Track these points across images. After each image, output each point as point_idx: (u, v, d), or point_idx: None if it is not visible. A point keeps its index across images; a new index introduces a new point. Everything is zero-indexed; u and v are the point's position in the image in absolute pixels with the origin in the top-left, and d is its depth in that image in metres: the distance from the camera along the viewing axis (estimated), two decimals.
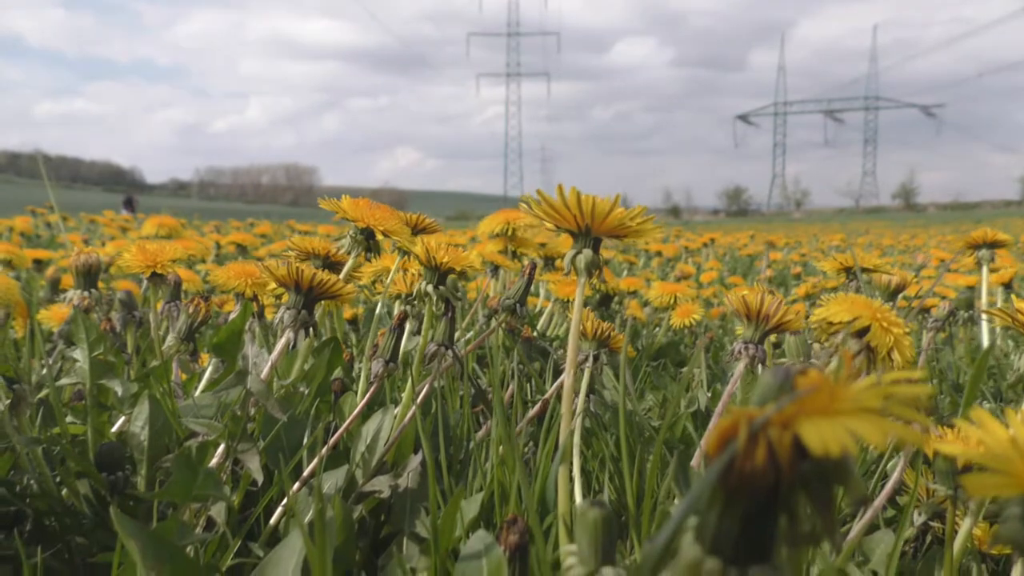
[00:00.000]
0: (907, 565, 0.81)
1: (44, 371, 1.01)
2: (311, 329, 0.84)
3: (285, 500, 0.77)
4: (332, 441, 0.81)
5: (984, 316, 1.59)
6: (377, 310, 1.06)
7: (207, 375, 1.02)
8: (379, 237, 0.98)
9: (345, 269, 0.98)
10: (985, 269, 1.74)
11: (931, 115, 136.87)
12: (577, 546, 0.45)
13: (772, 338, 1.04)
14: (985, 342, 1.62)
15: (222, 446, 0.75)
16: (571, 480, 0.71)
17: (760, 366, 0.85)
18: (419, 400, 0.86)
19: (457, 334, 1.20)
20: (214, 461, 0.75)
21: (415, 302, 0.95)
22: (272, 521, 0.77)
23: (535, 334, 1.65)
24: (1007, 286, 2.00)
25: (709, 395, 1.36)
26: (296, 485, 0.79)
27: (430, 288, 0.90)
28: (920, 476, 0.72)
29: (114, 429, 0.93)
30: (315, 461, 0.77)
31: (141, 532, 0.53)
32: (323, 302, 0.94)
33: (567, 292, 1.82)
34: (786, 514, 0.34)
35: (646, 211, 0.66)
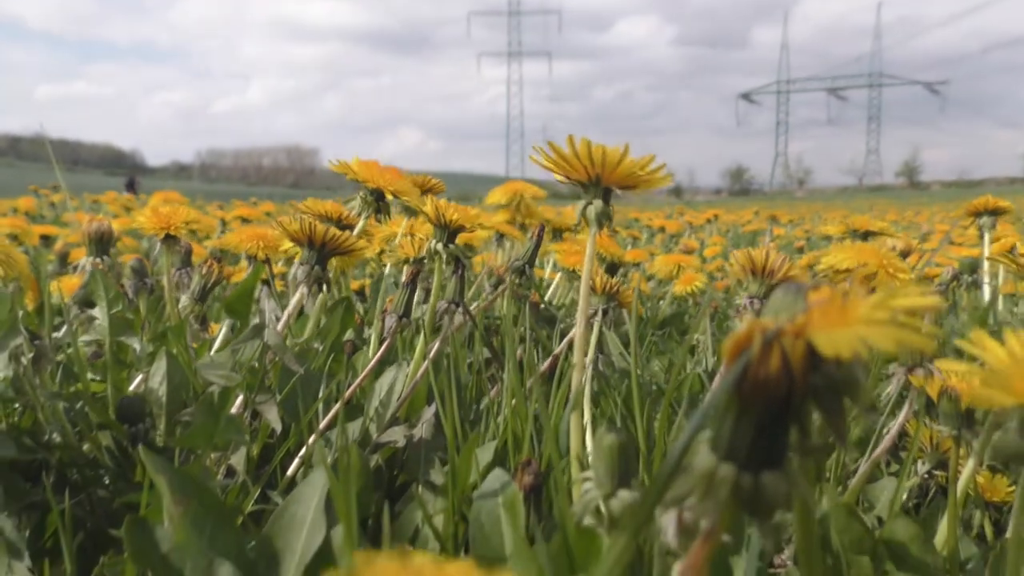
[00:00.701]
0: (912, 515, 0.83)
1: (63, 332, 1.03)
2: (324, 285, 0.86)
3: (303, 451, 0.79)
4: (348, 394, 0.82)
5: (987, 279, 1.60)
6: (385, 271, 1.08)
7: (221, 336, 1.04)
8: (389, 198, 0.99)
9: (356, 230, 0.99)
10: (987, 236, 1.75)
11: (935, 92, 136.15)
12: (593, 472, 0.46)
13: None
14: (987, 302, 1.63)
15: (241, 397, 0.77)
16: (583, 426, 0.73)
17: None
18: (431, 355, 0.87)
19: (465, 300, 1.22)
20: (233, 411, 0.77)
21: (425, 261, 0.96)
22: (289, 472, 0.79)
23: (543, 303, 1.67)
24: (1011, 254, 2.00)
25: (714, 359, 1.37)
26: (312, 437, 0.80)
27: (440, 246, 0.91)
28: (923, 425, 0.74)
29: (132, 388, 0.94)
30: (333, 411, 0.79)
31: (168, 468, 0.55)
32: (334, 264, 0.96)
33: (574, 262, 1.83)
34: (798, 425, 0.35)
35: (655, 159, 0.67)
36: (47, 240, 2.64)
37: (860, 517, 0.54)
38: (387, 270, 1.11)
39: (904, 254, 1.49)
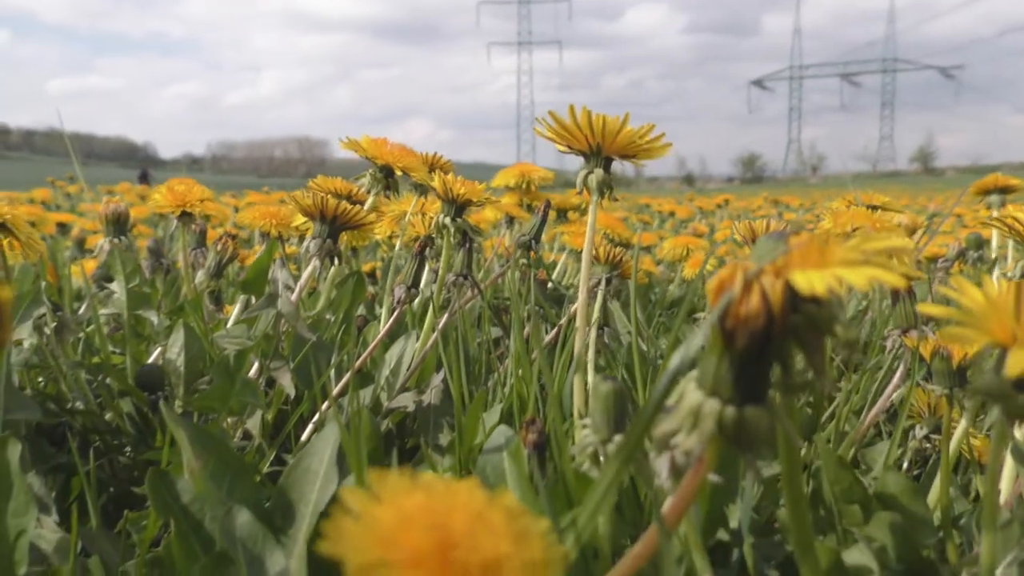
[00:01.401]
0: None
1: (83, 309, 1.06)
2: (335, 259, 0.88)
3: (316, 416, 0.81)
4: (358, 363, 0.85)
5: (994, 255, 1.60)
6: (396, 247, 1.10)
7: (235, 312, 1.07)
8: (397, 174, 1.01)
9: (367, 206, 1.02)
10: (996, 215, 1.75)
11: (950, 77, 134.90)
12: (591, 419, 0.48)
13: None
14: (995, 276, 1.64)
15: (256, 364, 0.80)
16: (586, 388, 0.75)
17: None
18: (440, 326, 0.90)
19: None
20: (249, 376, 0.79)
21: (434, 235, 0.99)
22: (304, 437, 0.82)
23: (550, 283, 1.69)
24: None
25: None
26: (325, 404, 0.83)
27: (448, 220, 0.94)
28: (918, 385, 0.75)
29: (151, 360, 0.97)
30: (345, 378, 0.81)
31: (189, 424, 0.58)
32: (345, 240, 0.98)
33: (580, 243, 1.85)
34: (780, 363, 0.37)
35: (654, 128, 0.68)
36: (64, 228, 2.68)
37: (850, 467, 0.56)
38: (397, 248, 1.14)
39: (910, 231, 1.50)
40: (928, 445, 0.91)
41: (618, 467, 0.36)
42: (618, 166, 0.76)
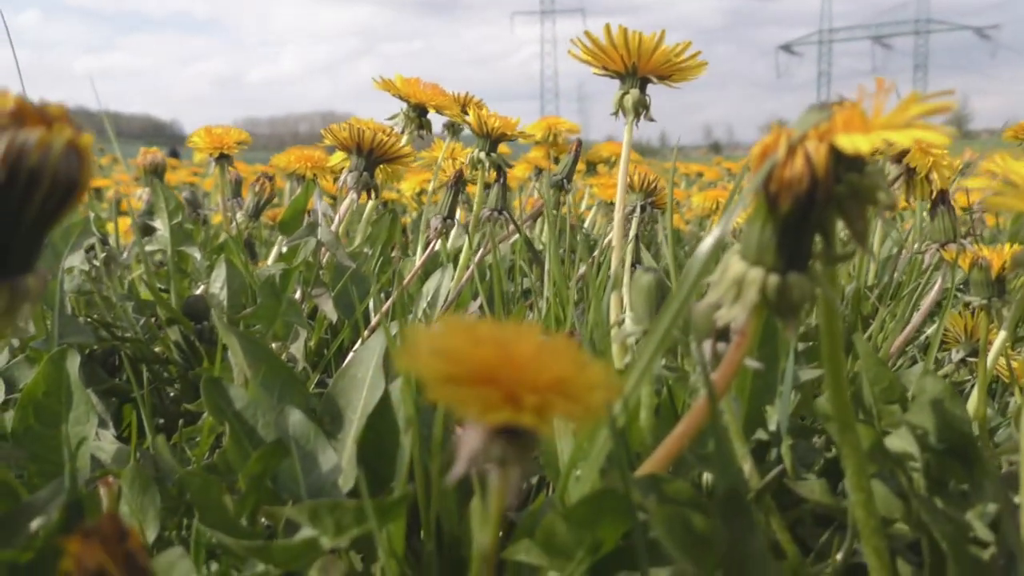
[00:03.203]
0: None
1: (126, 253, 1.08)
2: (373, 192, 0.90)
3: (357, 344, 0.83)
4: (399, 289, 0.86)
5: None
6: (431, 187, 1.11)
7: (274, 253, 1.09)
8: (430, 112, 1.02)
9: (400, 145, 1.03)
10: None
11: (986, 37, 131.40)
12: (632, 310, 0.50)
13: None
14: None
15: (299, 291, 0.82)
16: (623, 304, 0.76)
17: None
18: (477, 259, 0.91)
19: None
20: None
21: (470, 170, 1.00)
22: (346, 363, 0.84)
23: (582, 232, 1.70)
24: None
25: None
26: (366, 332, 0.85)
27: (483, 155, 0.95)
28: (956, 297, 0.75)
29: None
30: (387, 303, 0.83)
31: (240, 334, 0.60)
32: (380, 177, 1.00)
33: (610, 194, 1.85)
34: (821, 233, 0.38)
35: (691, 45, 0.69)
36: (99, 192, 2.73)
37: (888, 367, 0.57)
38: (431, 187, 1.15)
39: None
40: (964, 370, 0.91)
41: (667, 325, 0.37)
42: (642, 136, 0.76)
